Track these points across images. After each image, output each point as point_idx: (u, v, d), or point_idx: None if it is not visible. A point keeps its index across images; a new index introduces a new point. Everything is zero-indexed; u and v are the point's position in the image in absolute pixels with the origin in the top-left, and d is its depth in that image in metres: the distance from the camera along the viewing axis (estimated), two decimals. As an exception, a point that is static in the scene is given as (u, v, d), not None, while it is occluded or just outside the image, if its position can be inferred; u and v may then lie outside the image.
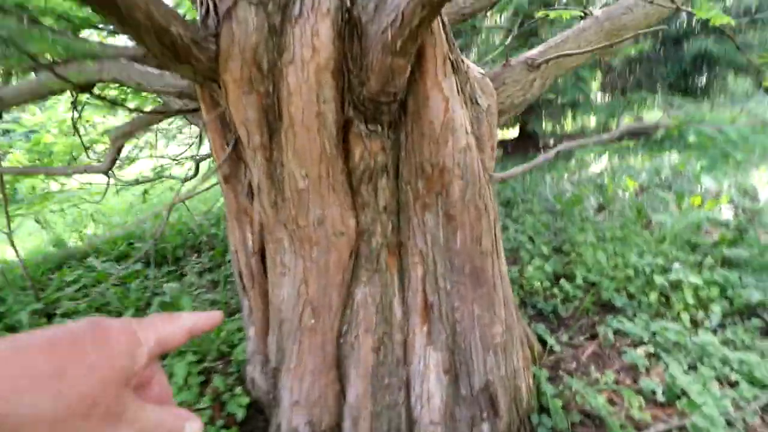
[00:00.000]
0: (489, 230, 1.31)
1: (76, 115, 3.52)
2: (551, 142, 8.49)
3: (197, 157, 4.21)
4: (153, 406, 0.29)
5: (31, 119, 5.32)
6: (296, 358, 1.32)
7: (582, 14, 2.05)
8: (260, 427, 1.55)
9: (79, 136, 3.31)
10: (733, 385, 1.59)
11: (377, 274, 1.30)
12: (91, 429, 0.25)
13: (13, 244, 3.04)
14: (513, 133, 8.40)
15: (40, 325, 2.81)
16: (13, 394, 0.23)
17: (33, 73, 1.54)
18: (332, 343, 1.30)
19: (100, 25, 1.30)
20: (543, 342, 1.87)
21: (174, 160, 4.94)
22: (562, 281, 2.35)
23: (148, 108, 2.69)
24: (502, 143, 7.76)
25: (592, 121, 8.27)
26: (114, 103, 1.69)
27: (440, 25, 1.23)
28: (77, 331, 0.27)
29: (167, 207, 2.36)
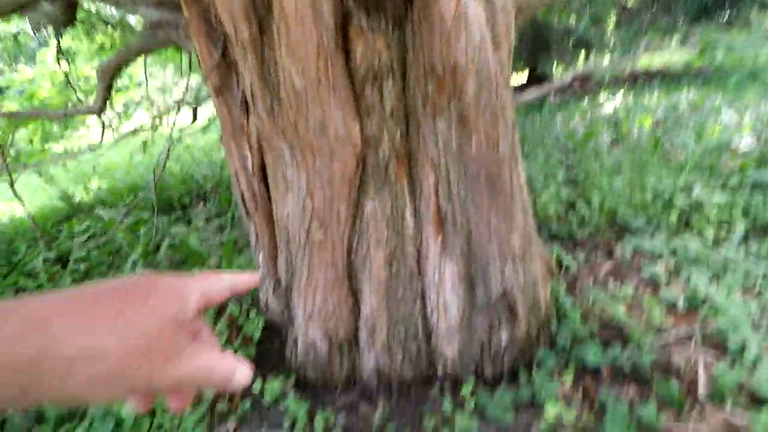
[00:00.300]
0: (506, 135, 1.21)
1: (65, 64, 3.37)
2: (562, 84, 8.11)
3: (193, 103, 4.07)
4: (207, 350, 0.31)
5: (23, 76, 5.21)
6: (307, 275, 1.29)
7: None
8: (276, 346, 1.56)
9: (68, 79, 3.18)
10: (758, 294, 1.55)
11: (386, 185, 1.23)
12: (152, 366, 0.27)
13: (16, 194, 3.01)
14: (522, 78, 8.02)
15: (55, 272, 2.85)
16: (86, 332, 0.26)
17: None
18: (343, 258, 1.26)
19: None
20: (558, 263, 1.83)
21: (171, 109, 4.81)
22: (578, 205, 2.28)
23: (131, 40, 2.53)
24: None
25: (605, 62, 7.81)
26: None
27: None
28: (131, 282, 0.30)
29: (167, 146, 2.29)
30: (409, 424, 1.29)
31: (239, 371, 0.32)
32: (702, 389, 1.30)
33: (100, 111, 2.53)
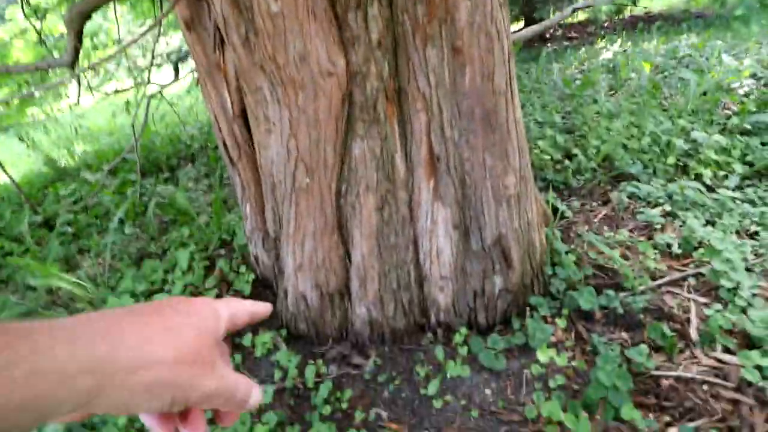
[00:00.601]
0: (502, 64, 1.13)
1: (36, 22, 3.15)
2: (558, 31, 7.83)
3: (174, 59, 3.88)
4: (230, 369, 0.34)
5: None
6: (294, 223, 1.24)
7: None
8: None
9: (39, 35, 2.99)
10: (753, 235, 1.53)
11: (375, 125, 1.15)
12: (196, 374, 0.30)
13: (-6, 157, 2.89)
14: (518, 26, 7.69)
15: (42, 236, 2.78)
16: (145, 341, 0.29)
17: None
18: (331, 204, 1.20)
19: None
20: (554, 210, 1.79)
21: (151, 65, 4.61)
22: (575, 151, 2.22)
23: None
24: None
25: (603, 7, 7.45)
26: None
27: None
28: (171, 302, 0.33)
29: (146, 101, 2.16)
30: (402, 373, 1.28)
31: (254, 392, 0.34)
32: (693, 332, 1.30)
33: (72, 63, 2.37)
